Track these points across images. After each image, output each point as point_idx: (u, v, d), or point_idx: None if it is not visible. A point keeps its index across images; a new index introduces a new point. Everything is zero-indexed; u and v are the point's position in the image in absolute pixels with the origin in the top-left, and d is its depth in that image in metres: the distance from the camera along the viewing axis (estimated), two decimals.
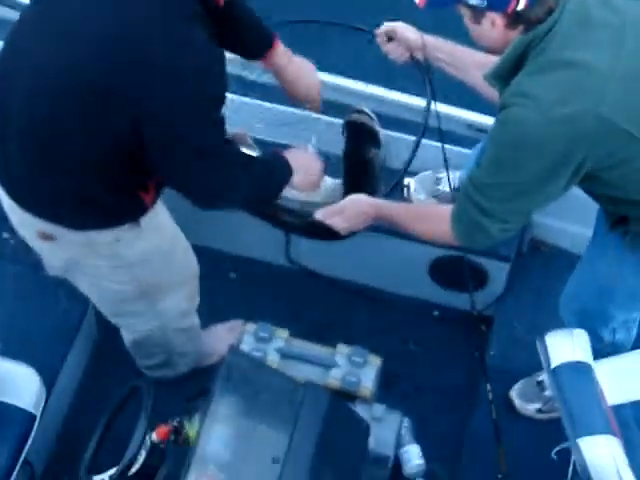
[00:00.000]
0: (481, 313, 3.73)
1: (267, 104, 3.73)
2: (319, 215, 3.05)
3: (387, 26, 3.15)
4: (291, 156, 3.03)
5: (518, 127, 2.52)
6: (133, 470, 2.71)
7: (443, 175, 3.58)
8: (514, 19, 2.55)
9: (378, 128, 3.27)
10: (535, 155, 2.53)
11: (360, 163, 3.21)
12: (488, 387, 3.23)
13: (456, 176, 3.59)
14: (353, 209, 3.03)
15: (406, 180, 3.71)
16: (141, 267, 3.05)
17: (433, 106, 3.17)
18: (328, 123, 3.62)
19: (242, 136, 3.26)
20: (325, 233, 3.10)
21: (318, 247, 3.46)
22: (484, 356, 3.57)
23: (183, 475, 2.64)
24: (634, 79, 2.51)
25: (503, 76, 2.65)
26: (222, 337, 3.59)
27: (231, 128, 3.05)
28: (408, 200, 3.68)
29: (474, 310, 3.51)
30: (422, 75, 3.15)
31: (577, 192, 2.79)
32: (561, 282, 3.66)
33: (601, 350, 3.08)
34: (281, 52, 3.16)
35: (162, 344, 3.43)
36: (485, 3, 2.54)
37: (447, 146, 3.26)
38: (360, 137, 3.24)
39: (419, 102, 3.45)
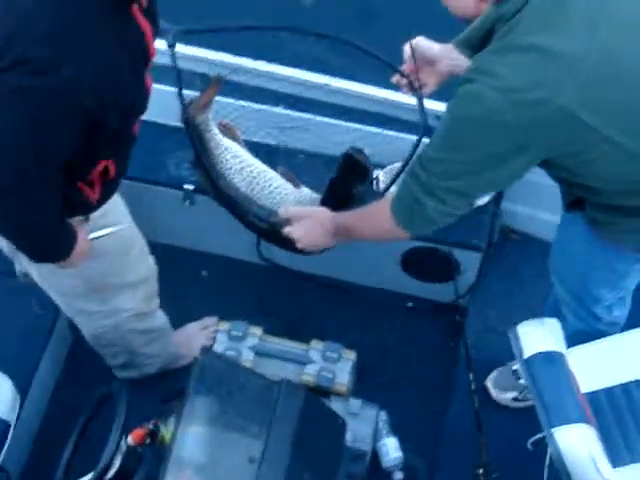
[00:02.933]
0: (455, 303, 3.77)
1: (258, 105, 3.74)
2: (281, 213, 3.01)
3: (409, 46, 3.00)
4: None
5: (475, 104, 2.43)
6: (109, 475, 2.69)
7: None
8: None
9: (370, 168, 3.21)
10: (488, 136, 2.45)
11: (343, 194, 3.18)
12: (470, 377, 3.22)
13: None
14: (314, 218, 2.96)
15: (375, 173, 3.71)
16: (90, 264, 2.98)
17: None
18: (318, 123, 3.66)
19: (231, 129, 3.25)
20: (288, 242, 3.07)
21: None
22: (461, 346, 3.58)
23: (160, 478, 2.63)
24: (603, 70, 2.44)
25: (473, 45, 2.61)
26: (195, 336, 3.58)
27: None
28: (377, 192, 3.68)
29: (455, 300, 3.54)
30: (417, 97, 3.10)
31: (547, 179, 2.77)
32: (533, 270, 3.71)
33: (604, 329, 3.11)
34: None
35: (121, 344, 3.40)
36: None
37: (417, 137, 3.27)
38: (351, 173, 3.19)
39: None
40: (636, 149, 2.51)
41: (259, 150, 3.77)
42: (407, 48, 2.99)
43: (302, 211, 2.99)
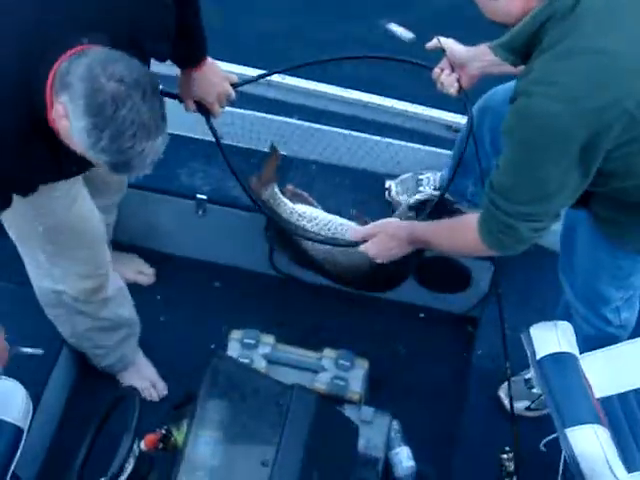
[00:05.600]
0: (467, 314, 3.76)
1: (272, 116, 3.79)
2: (351, 236, 3.08)
3: (439, 41, 2.97)
4: None
5: (543, 120, 2.34)
6: (123, 479, 2.69)
7: (423, 177, 3.61)
8: None
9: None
10: (561, 150, 2.37)
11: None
12: (507, 364, 3.14)
13: (437, 177, 3.61)
14: (385, 232, 2.98)
15: (387, 183, 3.73)
16: (49, 218, 2.96)
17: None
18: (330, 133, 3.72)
19: (300, 194, 3.39)
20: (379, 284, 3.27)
21: None
22: (474, 356, 3.58)
23: None
24: None
25: (516, 49, 2.49)
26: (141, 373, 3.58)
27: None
28: (391, 203, 3.71)
29: (468, 310, 3.52)
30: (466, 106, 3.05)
31: None
32: (544, 280, 3.69)
33: (614, 333, 3.11)
34: (209, 61, 3.09)
35: (65, 320, 3.38)
36: None
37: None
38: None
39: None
40: None
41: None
42: (431, 43, 2.96)
43: (371, 228, 3.02)
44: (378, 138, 3.71)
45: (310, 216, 3.33)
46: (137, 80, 2.35)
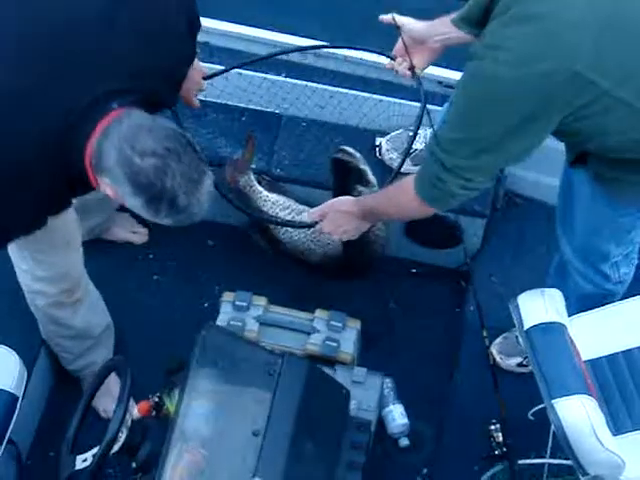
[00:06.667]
0: (459, 269, 3.77)
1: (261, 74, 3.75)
2: (307, 217, 3.17)
3: (395, 17, 3.02)
4: None
5: (489, 81, 2.43)
6: (116, 448, 2.71)
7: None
8: None
9: (363, 166, 3.34)
10: (505, 111, 2.45)
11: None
12: (484, 333, 3.25)
13: (427, 134, 3.59)
14: (337, 209, 3.06)
15: (378, 140, 3.71)
16: None
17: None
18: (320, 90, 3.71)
19: (274, 183, 3.61)
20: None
21: None
22: (466, 311, 3.61)
23: (164, 452, 2.65)
24: (613, 29, 2.42)
25: (472, 20, 2.61)
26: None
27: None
28: (381, 160, 3.69)
29: (460, 265, 3.54)
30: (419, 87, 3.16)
31: (550, 143, 2.74)
32: (537, 234, 3.70)
33: (612, 289, 3.13)
34: None
35: (43, 323, 3.41)
36: None
37: (418, 104, 3.25)
38: (345, 176, 3.35)
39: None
40: None
41: (262, 119, 3.80)
42: (387, 17, 3.01)
43: (324, 207, 3.09)
44: (368, 95, 3.68)
45: (283, 205, 3.46)
46: (167, 148, 2.41)
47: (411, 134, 3.56)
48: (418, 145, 3.60)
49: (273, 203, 3.47)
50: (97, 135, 2.45)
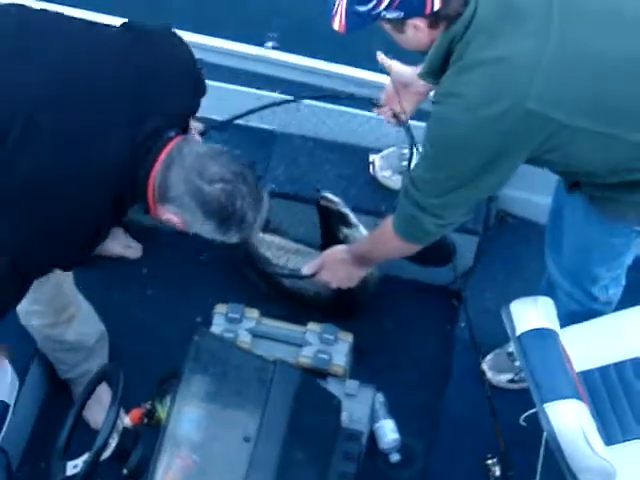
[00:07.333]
0: (451, 287, 3.77)
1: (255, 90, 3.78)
2: (305, 271, 3.27)
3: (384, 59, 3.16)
4: None
5: (448, 126, 2.55)
6: (106, 455, 2.71)
7: (407, 151, 3.60)
8: (434, 19, 2.58)
9: (344, 209, 3.50)
10: (467, 152, 2.57)
11: (335, 241, 3.44)
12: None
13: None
14: (331, 260, 3.22)
15: (371, 157, 3.74)
16: None
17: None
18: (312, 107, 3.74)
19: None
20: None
21: None
22: (457, 329, 3.62)
23: (155, 458, 2.65)
24: (562, 63, 2.50)
25: (434, 72, 2.68)
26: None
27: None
28: (375, 177, 3.72)
29: (452, 283, 3.57)
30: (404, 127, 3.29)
31: None
32: (529, 253, 3.71)
33: (599, 309, 3.13)
34: None
35: (39, 341, 3.44)
36: (402, 13, 2.57)
37: (412, 122, 3.28)
38: (330, 220, 3.52)
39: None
40: (609, 132, 2.56)
41: (256, 136, 3.82)
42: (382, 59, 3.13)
43: (319, 260, 3.25)
44: (362, 112, 3.70)
45: (278, 245, 3.62)
46: (234, 172, 2.56)
47: (405, 151, 3.63)
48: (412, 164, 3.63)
49: (269, 244, 3.62)
50: (159, 166, 2.55)
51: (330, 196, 3.51)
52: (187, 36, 2.91)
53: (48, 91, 2.57)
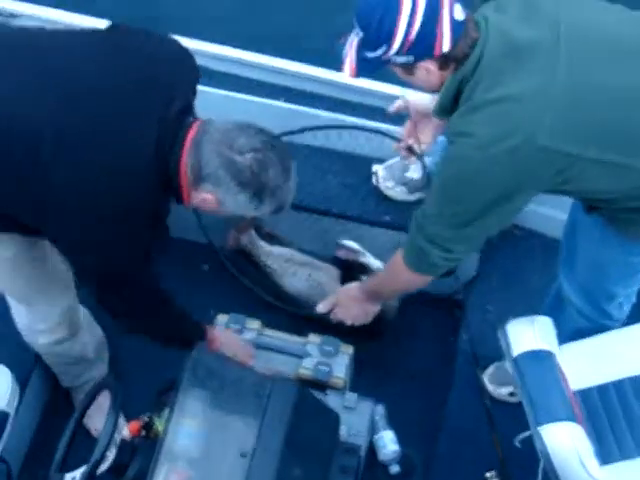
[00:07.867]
0: (453, 297, 3.77)
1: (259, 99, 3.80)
2: (319, 309, 3.40)
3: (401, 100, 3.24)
4: (222, 337, 3.22)
5: (460, 164, 2.58)
6: (104, 467, 2.72)
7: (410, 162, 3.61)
8: (444, 61, 2.60)
9: (363, 259, 3.60)
10: (479, 188, 2.59)
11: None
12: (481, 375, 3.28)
13: (425, 162, 3.61)
14: (345, 298, 3.35)
15: (374, 167, 3.73)
16: (19, 272, 3.07)
17: None
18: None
19: (275, 235, 3.79)
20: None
21: None
22: (459, 340, 3.61)
23: (151, 471, 2.65)
24: (571, 96, 2.51)
25: (446, 110, 2.70)
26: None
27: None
28: (377, 188, 3.72)
29: (454, 294, 3.58)
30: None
31: None
32: (532, 264, 3.71)
33: (611, 326, 3.13)
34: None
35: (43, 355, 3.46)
36: (412, 58, 2.58)
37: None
38: (350, 271, 3.61)
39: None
40: (619, 161, 2.57)
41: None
42: (400, 104, 3.23)
43: (333, 298, 3.40)
44: (366, 122, 3.70)
45: (285, 257, 3.68)
46: (262, 141, 2.60)
47: (407, 163, 3.62)
48: (415, 175, 3.63)
49: (276, 256, 3.67)
50: (188, 151, 2.59)
51: (349, 244, 3.60)
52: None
53: (62, 101, 2.59)
